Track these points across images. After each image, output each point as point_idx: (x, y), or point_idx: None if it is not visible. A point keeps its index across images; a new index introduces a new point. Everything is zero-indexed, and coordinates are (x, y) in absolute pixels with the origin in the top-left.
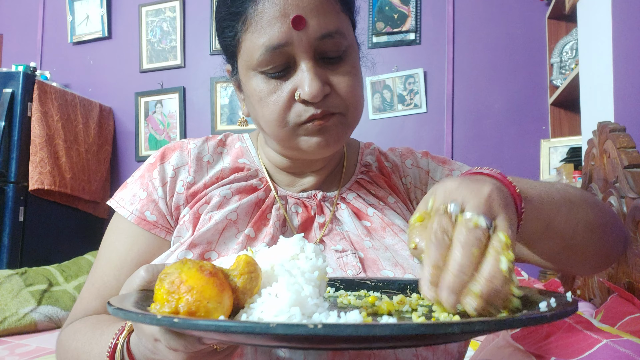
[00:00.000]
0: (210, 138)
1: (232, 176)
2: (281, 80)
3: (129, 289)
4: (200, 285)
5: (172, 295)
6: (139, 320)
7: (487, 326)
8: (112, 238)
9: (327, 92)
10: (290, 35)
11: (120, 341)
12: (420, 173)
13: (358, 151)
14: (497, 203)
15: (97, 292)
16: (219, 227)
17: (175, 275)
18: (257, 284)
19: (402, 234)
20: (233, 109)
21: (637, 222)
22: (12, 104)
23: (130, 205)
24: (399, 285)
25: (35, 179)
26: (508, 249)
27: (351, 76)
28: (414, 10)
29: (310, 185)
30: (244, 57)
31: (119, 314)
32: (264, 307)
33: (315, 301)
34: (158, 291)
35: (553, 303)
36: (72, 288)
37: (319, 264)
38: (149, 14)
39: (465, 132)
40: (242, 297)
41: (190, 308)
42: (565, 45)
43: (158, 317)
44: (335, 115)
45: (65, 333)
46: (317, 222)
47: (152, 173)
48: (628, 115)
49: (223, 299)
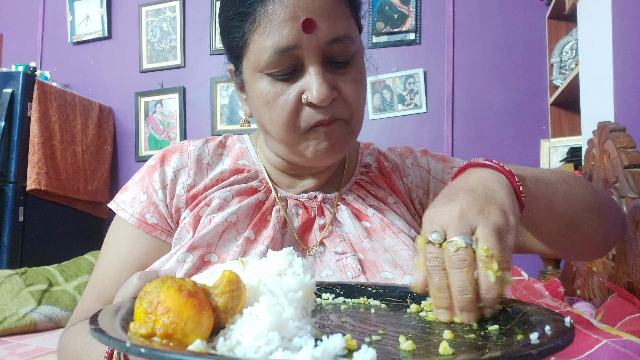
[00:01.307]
0: (210, 140)
1: (232, 178)
2: (288, 83)
3: (123, 296)
4: (178, 305)
5: (149, 317)
6: (111, 345)
7: None
8: (113, 241)
9: (334, 96)
10: (300, 38)
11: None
12: (421, 172)
13: (358, 152)
14: (472, 213)
15: (98, 294)
16: (219, 230)
17: (153, 294)
18: (240, 302)
19: (402, 234)
20: (233, 109)
21: (637, 222)
22: (12, 104)
23: (131, 208)
24: (400, 292)
25: (32, 179)
26: (491, 260)
27: (358, 82)
28: (414, 10)
29: (310, 186)
30: (250, 58)
31: (94, 334)
32: (244, 328)
33: (296, 324)
34: (137, 310)
35: (548, 331)
36: (72, 288)
37: (305, 281)
38: (149, 14)
39: (465, 132)
40: (223, 317)
41: (167, 330)
42: (565, 45)
43: (127, 345)
44: (340, 121)
45: (66, 336)
46: (317, 223)
47: (152, 175)
48: (628, 115)
49: (202, 320)
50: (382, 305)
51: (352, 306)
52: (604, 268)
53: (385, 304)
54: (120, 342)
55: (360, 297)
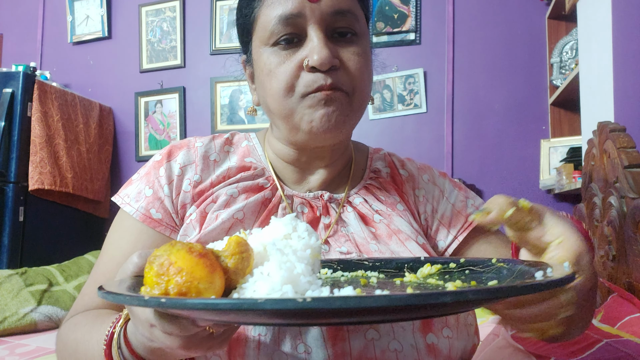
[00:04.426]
0: (217, 137)
1: (239, 175)
2: (291, 52)
3: (123, 275)
4: (190, 266)
5: (162, 277)
6: (127, 302)
7: (480, 295)
8: (116, 235)
9: (335, 64)
10: (304, 6)
11: (117, 330)
12: (435, 190)
13: (367, 156)
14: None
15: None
16: (226, 226)
17: (164, 257)
18: (249, 265)
19: (409, 242)
20: (233, 108)
21: (637, 222)
22: (12, 104)
23: (136, 203)
24: (396, 264)
25: (35, 179)
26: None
27: (361, 57)
28: (414, 10)
29: (317, 184)
30: (258, 33)
31: (108, 297)
32: (256, 286)
33: (307, 279)
34: (147, 274)
35: (550, 272)
36: (72, 288)
37: (311, 243)
38: (149, 14)
39: (465, 132)
40: (234, 278)
41: (181, 289)
42: (565, 45)
43: (145, 298)
44: (342, 92)
45: (65, 326)
46: (322, 222)
47: (158, 171)
48: (628, 115)
49: (214, 280)
50: (381, 275)
51: (351, 278)
52: (604, 268)
53: (383, 274)
54: (138, 297)
55: (357, 271)
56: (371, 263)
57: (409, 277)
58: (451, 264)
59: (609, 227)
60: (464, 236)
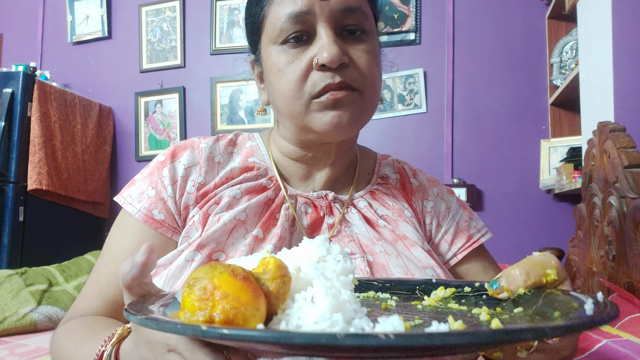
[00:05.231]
0: (221, 137)
1: (242, 176)
2: (300, 51)
3: (121, 278)
4: (236, 290)
5: (205, 303)
6: (181, 332)
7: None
8: (117, 235)
9: (345, 61)
10: (313, 3)
11: (107, 349)
12: (442, 205)
13: (375, 161)
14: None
15: (99, 291)
16: (228, 228)
17: (206, 280)
18: (288, 289)
19: (415, 247)
20: (233, 108)
21: (637, 222)
22: (12, 104)
23: (138, 203)
24: (407, 286)
25: (33, 179)
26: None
27: (371, 55)
28: (414, 10)
29: (321, 182)
30: (267, 32)
31: (150, 324)
32: (301, 312)
33: (354, 306)
34: (187, 297)
35: (591, 304)
36: (72, 288)
37: (348, 266)
38: (149, 14)
39: (465, 132)
40: (274, 303)
41: (228, 316)
42: (565, 45)
43: (203, 329)
44: (352, 92)
45: (60, 330)
46: (326, 222)
47: (162, 171)
48: (628, 115)
49: (259, 305)
50: (394, 297)
51: (365, 299)
52: (604, 268)
53: (396, 297)
54: (194, 327)
55: (368, 292)
56: (381, 284)
57: (428, 302)
58: (466, 287)
59: (609, 227)
60: (463, 255)
